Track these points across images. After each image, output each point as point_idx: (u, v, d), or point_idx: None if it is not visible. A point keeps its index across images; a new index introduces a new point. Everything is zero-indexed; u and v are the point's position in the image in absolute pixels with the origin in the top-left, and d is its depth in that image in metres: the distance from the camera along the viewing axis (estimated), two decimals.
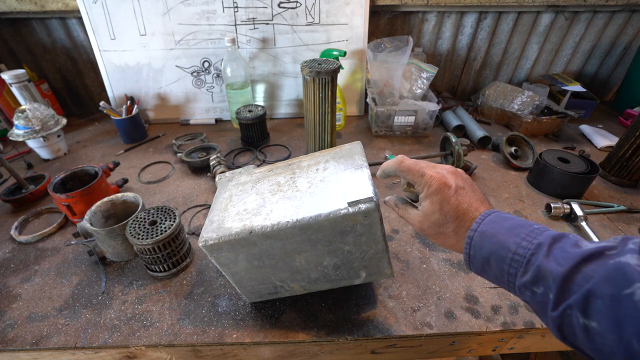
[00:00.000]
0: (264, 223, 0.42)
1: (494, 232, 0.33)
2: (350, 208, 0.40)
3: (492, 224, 0.34)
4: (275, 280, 0.49)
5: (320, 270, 0.47)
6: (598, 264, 0.27)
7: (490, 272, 0.34)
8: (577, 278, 0.27)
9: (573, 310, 0.27)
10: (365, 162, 0.47)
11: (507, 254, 0.32)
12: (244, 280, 0.49)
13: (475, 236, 0.34)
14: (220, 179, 0.57)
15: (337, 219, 0.40)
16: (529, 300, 0.31)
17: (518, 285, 0.32)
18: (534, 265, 0.30)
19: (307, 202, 0.43)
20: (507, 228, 0.33)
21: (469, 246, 0.35)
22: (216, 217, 0.47)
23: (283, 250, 0.44)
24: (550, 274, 0.29)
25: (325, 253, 0.44)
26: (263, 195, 0.48)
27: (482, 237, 0.34)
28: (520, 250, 0.31)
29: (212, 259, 0.45)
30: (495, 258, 0.33)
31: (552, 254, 0.30)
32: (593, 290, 0.26)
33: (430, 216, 0.38)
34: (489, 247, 0.33)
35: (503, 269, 0.32)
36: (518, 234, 0.32)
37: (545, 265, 0.29)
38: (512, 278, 0.32)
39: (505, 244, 0.32)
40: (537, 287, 0.30)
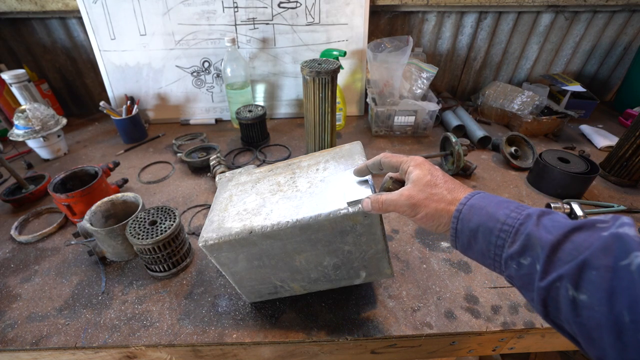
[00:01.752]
0: (264, 223, 0.42)
1: (483, 205, 0.33)
2: (350, 208, 0.40)
3: (481, 199, 0.34)
4: (275, 280, 0.49)
5: (320, 270, 0.47)
6: (589, 234, 0.27)
7: (476, 247, 0.34)
8: (566, 247, 0.27)
9: (563, 282, 0.26)
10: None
11: (496, 224, 0.32)
12: (244, 280, 0.49)
13: (464, 209, 0.34)
14: (220, 179, 0.57)
15: (337, 219, 0.40)
16: (514, 274, 0.31)
17: (505, 257, 0.31)
18: (522, 235, 0.30)
19: (307, 202, 0.43)
20: (496, 202, 0.33)
21: (456, 220, 0.34)
22: (216, 217, 0.47)
23: (283, 250, 0.44)
24: (539, 241, 0.28)
25: (325, 253, 0.44)
26: (263, 195, 0.48)
27: (471, 210, 0.33)
28: (509, 221, 0.31)
29: (212, 259, 0.46)
30: (483, 230, 0.32)
31: (541, 224, 0.29)
32: (588, 261, 0.25)
33: (422, 179, 0.37)
34: (477, 220, 0.33)
35: (490, 241, 0.32)
36: (507, 206, 0.32)
37: (534, 233, 0.29)
38: (499, 250, 0.32)
39: (494, 215, 0.32)
40: (524, 258, 0.30)
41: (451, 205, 0.35)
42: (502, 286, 0.57)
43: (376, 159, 0.43)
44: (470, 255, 0.35)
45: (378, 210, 0.39)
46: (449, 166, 0.86)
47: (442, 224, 0.36)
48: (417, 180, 0.37)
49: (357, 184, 0.43)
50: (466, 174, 0.85)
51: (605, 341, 0.24)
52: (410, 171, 0.39)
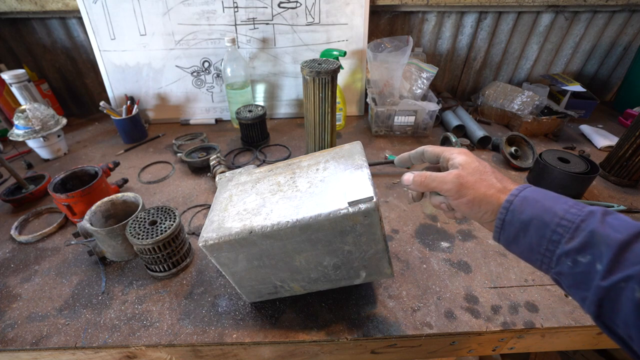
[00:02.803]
0: (264, 223, 0.42)
1: (539, 198, 0.32)
2: (350, 208, 0.40)
3: (536, 192, 0.33)
4: (275, 280, 0.49)
5: (320, 270, 0.47)
6: None
7: (525, 241, 0.32)
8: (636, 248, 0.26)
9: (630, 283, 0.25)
10: (365, 162, 0.47)
11: (554, 218, 0.30)
12: (244, 280, 0.49)
13: (517, 200, 0.33)
14: (220, 179, 0.57)
15: (337, 219, 0.40)
16: (567, 271, 0.29)
17: (559, 254, 0.29)
18: (585, 231, 0.28)
19: (307, 202, 0.43)
20: (552, 197, 0.32)
21: (506, 210, 0.33)
22: (216, 217, 0.47)
23: (283, 250, 0.44)
24: (605, 239, 0.27)
25: (325, 253, 0.44)
26: (263, 195, 0.48)
27: (524, 202, 0.32)
28: (569, 216, 0.30)
29: (212, 259, 0.46)
30: (537, 223, 0.31)
31: (607, 222, 0.28)
32: None
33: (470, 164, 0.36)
34: (530, 212, 0.31)
35: (544, 235, 0.30)
36: (565, 202, 0.31)
37: (599, 230, 0.27)
38: (553, 245, 0.30)
39: (551, 209, 0.31)
40: (582, 256, 0.28)
41: (501, 194, 0.34)
42: (502, 286, 0.57)
43: (419, 150, 0.43)
44: (514, 249, 0.34)
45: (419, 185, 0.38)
46: None
47: (487, 211, 0.35)
48: (465, 164, 0.36)
49: (357, 183, 0.43)
50: None
51: None
52: (454, 157, 0.38)
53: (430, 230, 0.69)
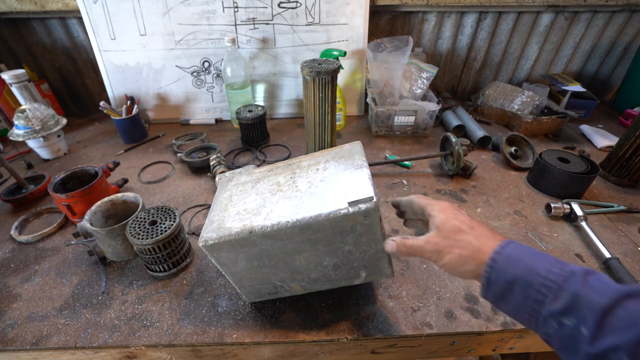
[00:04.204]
0: (264, 223, 0.42)
1: (521, 256, 0.32)
2: (350, 208, 0.40)
3: (517, 249, 0.33)
4: (275, 280, 0.49)
5: (320, 270, 0.47)
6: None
7: (511, 300, 0.32)
8: (620, 313, 0.26)
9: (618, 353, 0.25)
10: (365, 162, 0.47)
11: (537, 278, 0.30)
12: (244, 280, 0.49)
13: (501, 259, 0.33)
14: (220, 179, 0.57)
15: (337, 219, 0.40)
16: (554, 333, 0.29)
17: (544, 314, 0.30)
18: (567, 292, 0.28)
19: (307, 202, 0.43)
20: (533, 254, 0.32)
21: (490, 269, 0.33)
22: (216, 217, 0.47)
23: (283, 250, 0.44)
24: (588, 303, 0.27)
25: (325, 253, 0.44)
26: (263, 195, 0.48)
27: (508, 261, 0.32)
28: (552, 276, 0.30)
29: (212, 259, 0.46)
30: (521, 283, 0.31)
31: (589, 284, 0.28)
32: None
33: (446, 224, 0.37)
34: (514, 272, 0.32)
35: (529, 295, 0.30)
36: (548, 260, 0.31)
37: (582, 293, 0.27)
38: (539, 306, 0.30)
39: (534, 268, 0.31)
40: (567, 318, 0.28)
41: (479, 253, 0.34)
42: None
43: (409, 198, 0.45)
44: (502, 307, 0.34)
45: (404, 254, 0.39)
46: (449, 166, 0.86)
47: (466, 271, 0.35)
48: (441, 225, 0.37)
49: (357, 183, 0.43)
50: (466, 174, 0.85)
51: None
52: (433, 216, 0.39)
53: None
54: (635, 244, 0.65)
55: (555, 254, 0.62)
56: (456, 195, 0.79)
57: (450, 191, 0.80)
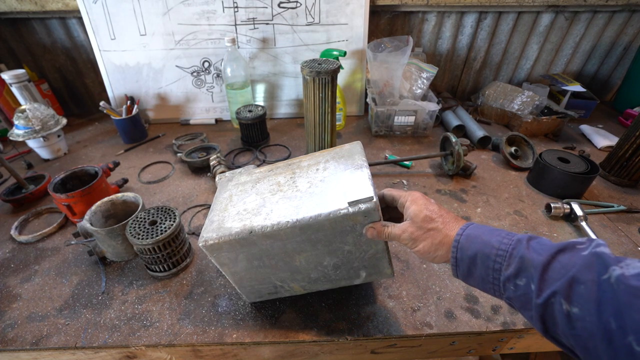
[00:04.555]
0: (264, 223, 0.42)
1: (478, 234, 0.37)
2: (350, 208, 0.40)
3: (475, 229, 0.38)
4: (276, 280, 0.49)
5: (320, 270, 0.47)
6: (572, 254, 0.31)
7: (476, 273, 0.37)
8: (555, 266, 0.31)
9: (557, 297, 0.29)
10: (365, 162, 0.47)
11: (492, 250, 0.35)
12: (244, 280, 0.49)
13: (462, 239, 0.37)
14: (220, 179, 0.57)
15: (337, 219, 0.40)
16: (513, 295, 0.34)
17: (502, 280, 0.34)
18: (516, 257, 0.33)
19: (307, 202, 0.43)
20: (489, 230, 0.37)
21: (456, 249, 0.38)
22: (216, 217, 0.47)
23: (283, 250, 0.44)
24: (531, 262, 0.32)
25: (325, 253, 0.44)
26: (263, 195, 0.48)
27: (468, 239, 0.37)
28: (503, 246, 0.35)
29: (212, 258, 0.46)
30: (481, 256, 0.36)
31: (531, 247, 0.33)
32: (576, 277, 0.29)
33: (418, 215, 0.40)
34: (474, 248, 0.36)
35: (488, 266, 0.35)
36: (499, 234, 0.36)
37: (526, 255, 0.33)
38: (497, 273, 0.35)
39: (489, 242, 0.36)
40: (519, 279, 0.33)
41: (446, 238, 0.39)
42: None
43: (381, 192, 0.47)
44: (471, 282, 0.38)
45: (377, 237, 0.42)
46: (449, 166, 0.86)
47: (438, 255, 0.40)
48: (414, 216, 0.41)
49: (357, 183, 0.43)
50: (466, 174, 0.85)
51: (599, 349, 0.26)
52: (407, 207, 0.42)
53: None
54: (635, 244, 0.65)
55: None
56: (456, 195, 0.79)
57: (450, 191, 0.80)
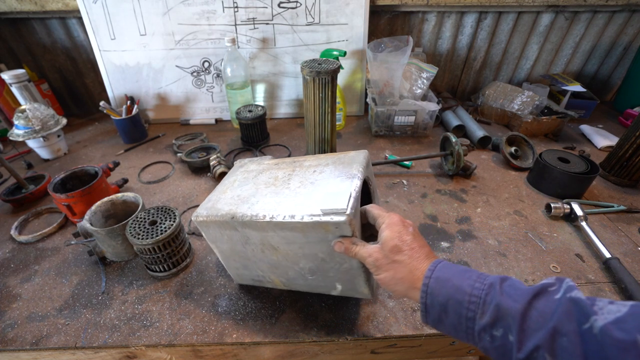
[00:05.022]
0: (245, 212, 0.44)
1: (448, 277, 0.34)
2: (322, 216, 0.39)
3: (445, 270, 0.35)
4: (257, 269, 0.50)
5: (297, 271, 0.47)
6: (546, 299, 0.29)
7: (448, 321, 0.34)
8: (533, 314, 0.29)
9: (540, 352, 0.27)
10: (360, 173, 0.45)
11: (464, 296, 0.32)
12: (230, 260, 0.51)
13: (431, 283, 0.34)
14: (236, 163, 0.60)
15: (309, 225, 0.40)
16: (489, 345, 0.31)
17: (477, 330, 0.31)
18: (491, 305, 0.31)
19: (290, 200, 0.44)
20: (458, 272, 0.34)
21: (425, 294, 0.35)
22: (214, 197, 0.51)
23: (261, 241, 0.45)
24: (508, 311, 0.29)
25: (300, 255, 0.44)
26: (258, 186, 0.50)
27: (438, 283, 0.34)
28: (476, 292, 0.32)
29: (203, 233, 0.49)
30: (452, 303, 0.33)
31: (504, 292, 0.31)
32: (557, 328, 0.27)
33: (389, 242, 0.38)
34: (445, 293, 0.33)
35: (461, 314, 0.32)
36: (469, 277, 0.33)
37: (502, 302, 0.30)
38: (471, 322, 0.32)
39: (461, 287, 0.33)
40: (495, 330, 0.30)
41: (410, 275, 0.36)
42: None
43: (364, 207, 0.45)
44: (443, 329, 0.35)
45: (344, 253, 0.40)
46: (449, 166, 0.86)
47: (397, 290, 0.38)
48: (384, 243, 0.39)
49: (339, 193, 0.41)
50: (466, 174, 0.85)
51: None
52: (382, 230, 0.40)
53: (430, 230, 0.69)
54: (635, 244, 0.65)
55: (555, 254, 0.63)
56: (456, 195, 0.79)
57: (450, 191, 0.80)
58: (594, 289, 0.56)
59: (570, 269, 0.60)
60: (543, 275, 0.58)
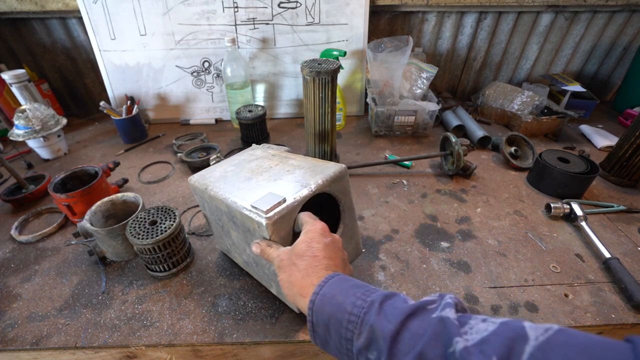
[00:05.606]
0: (213, 186, 0.49)
1: (334, 293, 0.31)
2: (249, 211, 0.41)
3: (334, 286, 0.32)
4: (227, 240, 0.53)
5: (247, 256, 0.50)
6: (421, 319, 0.26)
7: (331, 343, 0.31)
8: (405, 336, 0.26)
9: None
10: (314, 186, 0.44)
11: (344, 315, 0.30)
12: (213, 224, 0.56)
13: (317, 300, 0.32)
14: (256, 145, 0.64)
15: (244, 215, 0.42)
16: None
17: (355, 352, 0.29)
18: (367, 325, 0.28)
19: (249, 189, 0.46)
20: (346, 288, 0.32)
21: (311, 312, 0.32)
22: (216, 168, 0.55)
23: (222, 217, 0.50)
24: (381, 333, 0.27)
25: (244, 242, 0.47)
26: (242, 170, 0.53)
27: (323, 300, 0.32)
28: (356, 310, 0.29)
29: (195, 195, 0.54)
30: (334, 322, 0.30)
31: (383, 311, 0.28)
32: (423, 353, 0.24)
33: (297, 245, 0.37)
34: (328, 311, 0.31)
35: (341, 334, 0.30)
36: (354, 293, 0.31)
37: (376, 323, 0.27)
38: (349, 344, 0.29)
39: (342, 305, 0.30)
40: (370, 353, 0.27)
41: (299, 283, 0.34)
42: (502, 286, 0.57)
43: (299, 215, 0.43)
44: (330, 351, 0.32)
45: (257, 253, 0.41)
46: (449, 166, 0.86)
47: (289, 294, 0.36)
48: (294, 246, 0.38)
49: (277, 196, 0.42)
50: (466, 174, 0.85)
51: None
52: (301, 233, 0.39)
53: (430, 230, 0.69)
54: (635, 244, 0.65)
55: (555, 254, 0.63)
56: (456, 195, 0.79)
57: (450, 191, 0.80)
58: (594, 289, 0.56)
59: (570, 269, 0.60)
60: (543, 275, 0.58)
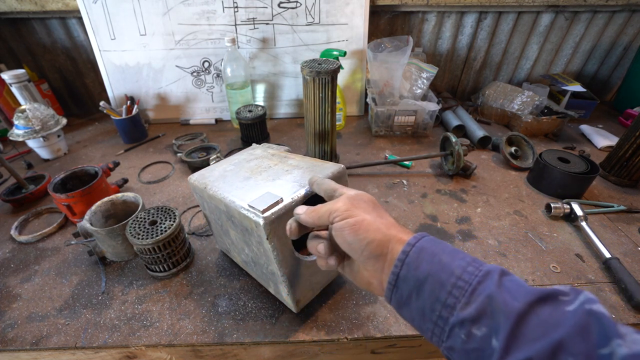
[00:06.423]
0: (212, 185, 0.48)
1: (436, 251, 0.28)
2: (247, 210, 0.41)
3: (433, 243, 0.29)
4: (226, 240, 0.53)
5: (246, 255, 0.50)
6: (554, 307, 0.23)
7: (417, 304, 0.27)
8: (532, 320, 0.23)
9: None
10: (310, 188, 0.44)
11: (450, 277, 0.26)
12: (213, 223, 0.55)
13: (413, 252, 0.28)
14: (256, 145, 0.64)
15: (242, 214, 0.42)
16: (459, 346, 0.25)
17: (453, 322, 0.25)
18: (481, 295, 0.24)
19: (248, 188, 0.46)
20: (450, 250, 0.28)
21: (401, 263, 0.28)
22: (216, 167, 0.55)
23: (221, 216, 0.49)
24: (503, 307, 0.23)
25: (242, 241, 0.47)
26: (241, 169, 0.52)
27: (421, 254, 0.28)
28: (466, 276, 0.26)
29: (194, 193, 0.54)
30: (432, 282, 0.27)
31: (504, 286, 0.25)
32: (564, 343, 0.21)
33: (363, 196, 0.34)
34: (427, 267, 0.27)
35: (439, 298, 0.26)
36: (463, 257, 0.27)
37: (497, 295, 0.24)
38: (447, 312, 0.26)
39: (449, 266, 0.26)
40: (477, 327, 0.24)
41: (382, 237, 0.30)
42: None
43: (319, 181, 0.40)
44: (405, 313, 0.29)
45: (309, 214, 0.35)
46: (449, 166, 0.86)
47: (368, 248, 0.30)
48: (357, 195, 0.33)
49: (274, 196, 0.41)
50: (466, 174, 0.85)
51: None
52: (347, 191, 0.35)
53: (431, 230, 0.69)
54: (635, 244, 0.65)
55: (555, 254, 0.63)
56: (456, 195, 0.79)
57: (450, 191, 0.80)
58: (594, 289, 0.56)
59: (570, 269, 0.60)
60: (543, 275, 0.58)
